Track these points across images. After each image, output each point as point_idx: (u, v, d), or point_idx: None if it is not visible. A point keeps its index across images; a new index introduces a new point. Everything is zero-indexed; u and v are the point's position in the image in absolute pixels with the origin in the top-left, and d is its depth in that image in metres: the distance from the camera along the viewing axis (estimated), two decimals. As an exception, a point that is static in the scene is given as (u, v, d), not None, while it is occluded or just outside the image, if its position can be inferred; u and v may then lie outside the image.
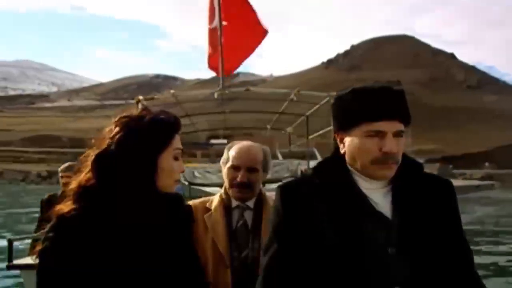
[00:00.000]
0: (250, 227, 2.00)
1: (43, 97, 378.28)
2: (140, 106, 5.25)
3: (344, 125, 1.42)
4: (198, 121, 8.30)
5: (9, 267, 3.40)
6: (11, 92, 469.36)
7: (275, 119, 7.86)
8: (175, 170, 1.39)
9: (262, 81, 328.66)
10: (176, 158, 1.39)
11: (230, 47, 5.24)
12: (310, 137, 6.99)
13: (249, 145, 2.10)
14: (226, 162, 2.08)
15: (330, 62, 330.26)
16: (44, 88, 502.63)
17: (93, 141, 1.36)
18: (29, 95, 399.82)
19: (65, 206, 1.28)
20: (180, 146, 1.41)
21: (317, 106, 6.13)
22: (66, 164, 4.43)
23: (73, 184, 1.33)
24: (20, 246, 5.85)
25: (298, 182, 1.55)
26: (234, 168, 2.03)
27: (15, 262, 3.44)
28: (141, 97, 5.28)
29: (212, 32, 5.52)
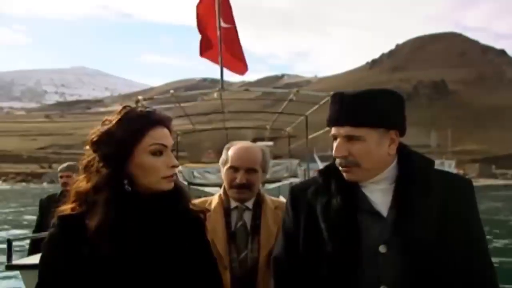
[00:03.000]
0: (249, 228, 2.01)
1: (98, 102, 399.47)
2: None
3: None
4: (244, 123, 8.43)
5: (9, 267, 3.30)
6: (69, 98, 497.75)
7: (275, 119, 7.78)
8: (157, 166, 1.32)
9: (307, 82, 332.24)
10: (155, 154, 1.32)
11: (232, 49, 5.33)
12: (310, 136, 6.88)
13: (248, 145, 2.10)
14: (225, 163, 2.06)
15: (374, 62, 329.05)
16: (98, 93, 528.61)
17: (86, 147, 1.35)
18: (85, 101, 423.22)
19: (66, 207, 1.33)
20: (161, 141, 1.33)
21: (316, 106, 5.99)
22: (65, 164, 4.41)
23: (73, 186, 1.36)
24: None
25: (307, 183, 1.60)
26: (233, 169, 2.01)
27: (15, 262, 3.36)
28: (140, 97, 5.14)
29: (226, 31, 5.52)
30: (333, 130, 1.43)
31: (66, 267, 1.25)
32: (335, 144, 1.42)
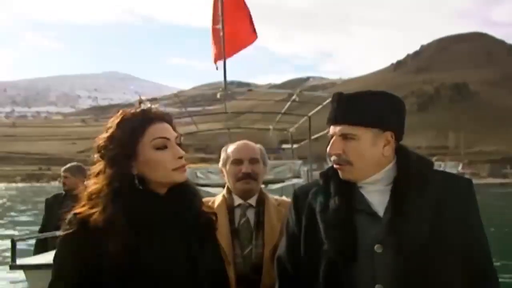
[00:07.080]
0: (252, 224, 2.04)
1: (131, 105, 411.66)
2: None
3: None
4: (269, 125, 8.68)
5: (13, 267, 3.29)
6: (101, 102, 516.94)
7: (278, 119, 7.83)
8: (164, 160, 1.34)
9: (332, 84, 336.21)
10: (160, 148, 1.34)
11: (228, 40, 5.45)
12: (313, 137, 6.68)
13: (245, 141, 2.19)
14: (227, 160, 2.14)
15: (399, 63, 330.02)
16: (129, 97, 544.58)
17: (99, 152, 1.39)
18: (118, 105, 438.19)
19: (79, 207, 1.35)
20: (163, 135, 1.35)
21: (319, 106, 5.90)
22: (68, 165, 4.53)
23: (86, 188, 1.38)
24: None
25: (310, 185, 1.62)
26: (237, 161, 2.08)
27: (19, 262, 3.34)
28: (143, 98, 5.23)
29: (216, 31, 5.63)
30: (331, 129, 1.46)
31: (80, 264, 1.26)
32: (331, 142, 1.44)
